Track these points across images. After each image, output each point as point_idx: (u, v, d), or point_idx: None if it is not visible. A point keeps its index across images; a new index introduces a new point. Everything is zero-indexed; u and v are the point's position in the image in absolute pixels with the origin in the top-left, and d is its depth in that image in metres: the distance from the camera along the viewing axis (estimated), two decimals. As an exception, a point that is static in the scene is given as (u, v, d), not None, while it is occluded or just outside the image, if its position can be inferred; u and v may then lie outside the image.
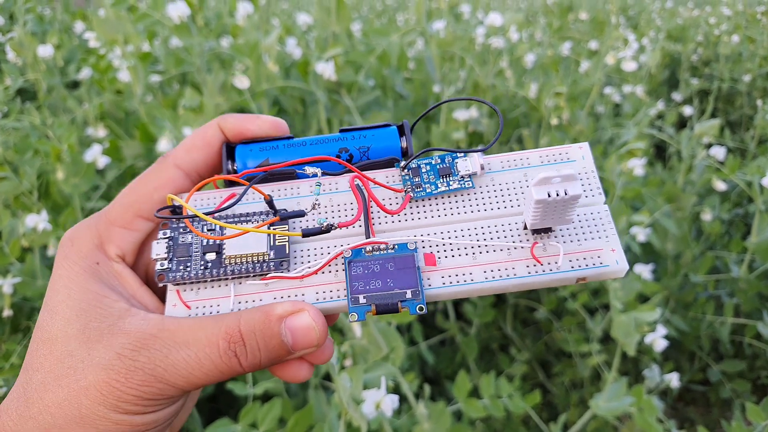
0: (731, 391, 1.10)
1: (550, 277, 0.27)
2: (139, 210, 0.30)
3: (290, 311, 0.26)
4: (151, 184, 0.30)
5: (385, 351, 0.64)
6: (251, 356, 0.26)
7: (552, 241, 0.28)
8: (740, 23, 2.09)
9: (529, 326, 1.20)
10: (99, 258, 0.28)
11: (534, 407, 0.83)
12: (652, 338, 0.76)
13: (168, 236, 0.29)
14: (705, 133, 1.02)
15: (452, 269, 0.28)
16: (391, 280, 0.27)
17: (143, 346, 0.25)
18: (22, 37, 1.20)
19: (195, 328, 0.26)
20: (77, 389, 0.25)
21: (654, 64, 1.37)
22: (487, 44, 1.08)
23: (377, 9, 3.05)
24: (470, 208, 0.29)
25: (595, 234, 0.28)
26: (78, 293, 0.27)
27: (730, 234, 1.28)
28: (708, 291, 1.14)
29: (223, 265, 0.28)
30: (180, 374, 0.25)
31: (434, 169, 0.30)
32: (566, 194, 0.25)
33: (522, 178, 0.30)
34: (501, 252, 0.28)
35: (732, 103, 1.90)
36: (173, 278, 0.28)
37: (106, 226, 0.29)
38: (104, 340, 0.25)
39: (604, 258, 0.28)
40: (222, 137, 0.31)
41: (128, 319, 0.26)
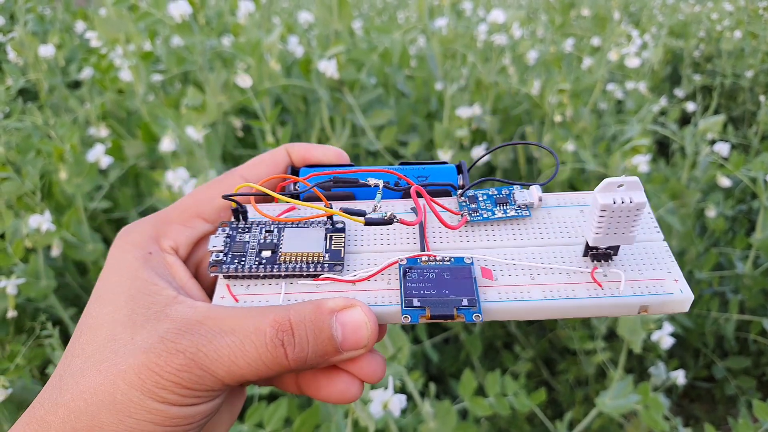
0: (736, 387, 1.10)
1: (611, 302, 0.26)
2: (199, 211, 0.31)
3: (342, 306, 0.26)
4: (216, 191, 0.31)
5: (391, 350, 0.64)
6: (298, 348, 0.25)
7: (612, 268, 0.28)
8: (742, 19, 2.08)
9: (533, 324, 1.20)
10: (152, 249, 0.28)
11: (539, 405, 0.83)
12: (658, 336, 0.76)
13: (227, 233, 0.29)
14: (709, 129, 1.02)
15: (509, 286, 0.27)
16: (446, 289, 0.27)
17: (187, 330, 0.24)
18: (23, 37, 1.20)
19: (242, 316, 0.25)
20: (115, 373, 0.24)
21: (656, 60, 1.36)
22: (489, 41, 1.08)
23: (378, 7, 3.04)
24: (527, 235, 0.29)
25: (656, 265, 0.28)
26: (128, 281, 0.27)
27: (734, 230, 1.27)
28: (712, 288, 1.14)
29: (278, 262, 0.28)
30: (222, 362, 0.24)
31: (491, 199, 0.31)
32: (631, 202, 0.25)
33: (579, 215, 0.30)
34: (560, 275, 0.27)
35: (734, 99, 1.90)
36: (226, 270, 0.28)
37: (164, 223, 0.30)
38: (149, 325, 0.25)
39: (666, 287, 0.27)
40: (288, 160, 0.32)
41: (175, 306, 0.26)
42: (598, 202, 0.25)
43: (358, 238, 0.30)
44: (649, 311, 0.27)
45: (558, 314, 0.27)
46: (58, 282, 0.84)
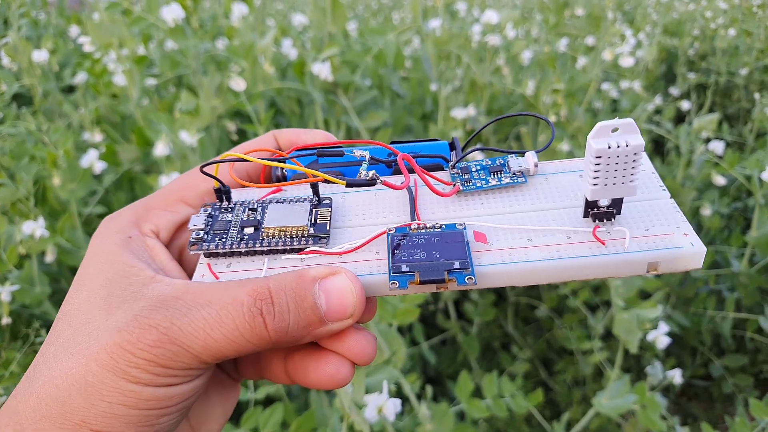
0: (733, 386, 1.10)
1: (616, 259, 0.24)
2: (182, 196, 0.30)
3: (325, 273, 0.24)
4: (198, 176, 0.30)
5: (387, 353, 0.64)
6: (278, 317, 0.23)
7: (616, 226, 0.25)
8: (736, 16, 2.09)
9: (530, 324, 1.20)
10: (132, 233, 0.28)
11: (537, 406, 0.83)
12: (654, 335, 0.76)
13: (208, 213, 0.28)
14: (703, 127, 1.02)
15: (505, 250, 0.25)
16: (437, 252, 0.25)
17: (162, 305, 0.23)
18: (16, 42, 1.20)
19: (220, 289, 0.24)
20: (87, 355, 0.23)
21: (651, 59, 1.36)
22: (483, 42, 1.08)
23: (373, 8, 3.04)
24: (524, 201, 0.28)
25: (663, 222, 0.26)
26: (105, 265, 0.26)
27: (729, 228, 1.28)
28: (708, 286, 1.14)
29: (260, 238, 0.27)
30: (197, 335, 0.23)
31: (485, 169, 0.29)
32: (627, 145, 0.23)
33: (577, 179, 0.28)
34: (559, 236, 0.26)
35: (729, 97, 1.90)
36: (206, 247, 0.27)
37: (145, 209, 0.29)
38: (125, 306, 0.24)
39: (676, 241, 0.25)
40: (276, 146, 0.32)
41: (152, 285, 0.25)
42: (593, 147, 0.23)
43: (346, 213, 0.29)
44: (659, 269, 0.25)
45: (559, 276, 0.25)
46: (53, 288, 0.84)
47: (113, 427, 0.22)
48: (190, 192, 0.30)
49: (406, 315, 0.70)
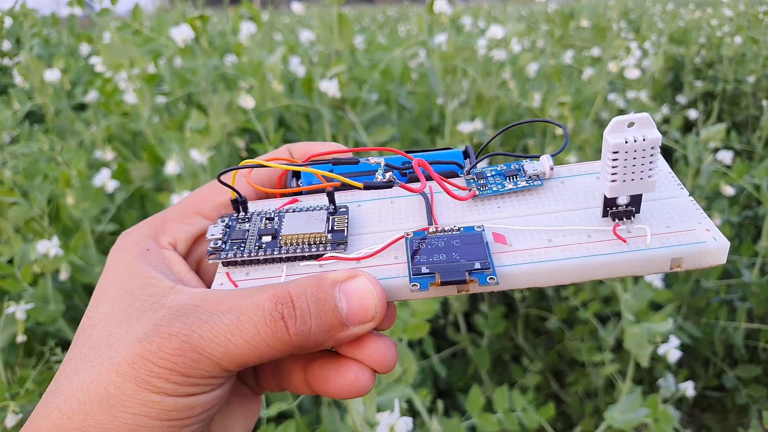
0: (747, 396, 1.09)
1: (639, 256, 0.24)
2: (199, 209, 0.30)
3: (345, 276, 0.24)
4: (215, 188, 0.30)
5: (398, 370, 0.64)
6: (300, 321, 0.23)
7: (636, 224, 0.25)
8: (742, 24, 2.09)
9: (540, 336, 1.20)
10: (149, 245, 0.28)
11: (548, 419, 0.83)
12: (665, 349, 0.76)
13: (226, 223, 0.29)
14: (711, 137, 1.02)
15: (525, 250, 0.25)
16: (456, 254, 0.25)
17: (182, 314, 0.23)
18: (28, 62, 1.22)
19: (240, 295, 0.24)
20: (108, 367, 0.22)
21: (657, 69, 1.37)
22: (489, 56, 1.09)
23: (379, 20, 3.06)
24: (541, 203, 0.28)
25: (684, 218, 0.26)
26: (124, 278, 0.26)
27: (740, 237, 1.27)
28: (720, 296, 1.13)
29: (278, 246, 0.27)
30: (218, 342, 0.22)
31: (500, 174, 0.29)
32: (644, 139, 0.23)
33: (594, 181, 0.28)
34: (579, 235, 0.25)
35: (737, 105, 1.90)
36: (224, 256, 0.27)
37: (162, 222, 0.29)
38: (145, 317, 0.24)
39: (698, 236, 0.25)
40: (290, 158, 0.32)
41: (172, 295, 0.25)
42: (609, 143, 0.23)
43: (362, 220, 0.29)
44: (682, 265, 0.25)
45: (581, 275, 0.25)
46: (67, 305, 0.85)
47: None
48: (206, 204, 0.30)
49: (417, 330, 0.70)
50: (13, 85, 1.36)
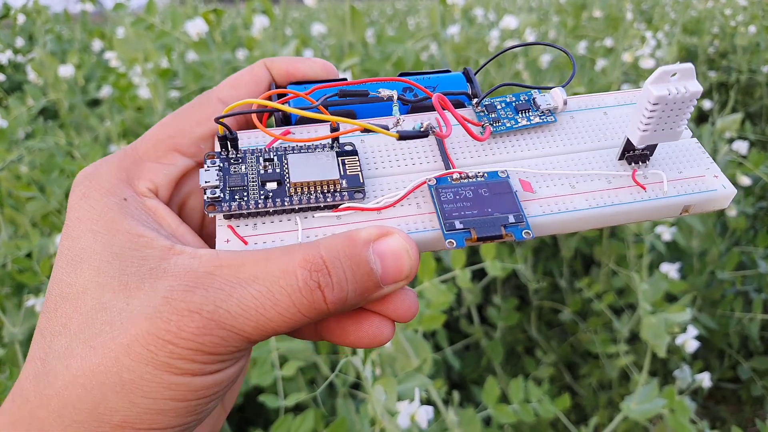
0: (763, 388, 1.08)
1: (655, 204, 0.25)
2: (176, 144, 0.25)
3: (378, 234, 0.22)
4: (191, 118, 0.26)
5: (414, 359, 0.64)
6: (337, 288, 0.21)
7: (651, 169, 0.26)
8: (756, 13, 2.06)
9: (554, 328, 1.20)
10: (126, 194, 0.23)
11: (563, 411, 0.83)
12: (683, 339, 0.76)
13: (217, 165, 0.24)
14: (726, 128, 1.01)
15: (551, 198, 0.25)
16: (488, 207, 0.24)
17: (197, 285, 0.20)
18: (42, 58, 1.23)
19: (262, 259, 0.21)
20: (115, 348, 0.20)
21: (671, 59, 1.35)
22: (501, 47, 1.08)
23: (388, 13, 3.05)
24: (556, 142, 0.27)
25: (693, 163, 0.27)
26: (106, 235, 0.22)
27: (755, 228, 1.26)
28: (735, 287, 1.12)
29: (288, 194, 0.24)
30: (249, 316, 0.20)
31: (510, 106, 0.28)
32: (686, 91, 0.23)
33: (602, 116, 0.28)
34: (600, 181, 0.26)
35: (751, 95, 1.88)
36: (227, 208, 0.23)
37: (134, 162, 0.25)
38: (146, 286, 0.21)
39: (708, 183, 0.26)
40: (269, 78, 0.28)
41: (173, 258, 0.21)
42: (653, 94, 0.23)
43: (368, 159, 0.26)
44: (690, 210, 0.26)
45: (604, 222, 0.26)
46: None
47: (159, 423, 0.20)
48: (184, 138, 0.26)
49: (432, 321, 0.70)
50: (27, 81, 1.38)
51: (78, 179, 0.24)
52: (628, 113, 0.29)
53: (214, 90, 0.27)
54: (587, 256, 1.20)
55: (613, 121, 0.28)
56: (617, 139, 0.28)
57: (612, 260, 1.05)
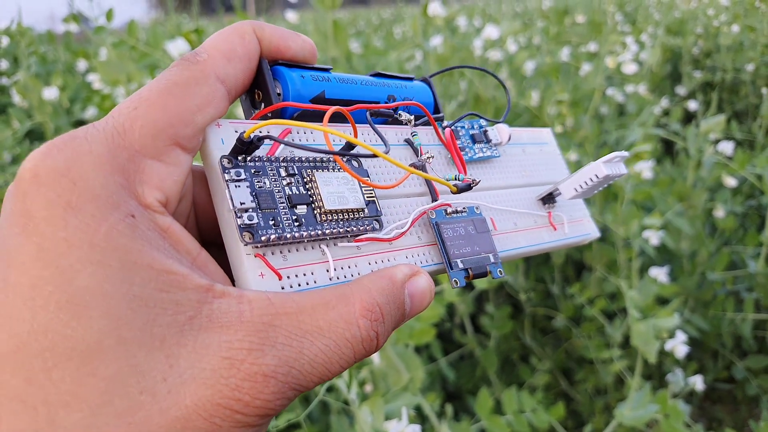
0: (758, 387, 1.08)
1: (562, 243, 0.32)
2: (177, 136, 0.20)
3: (410, 275, 0.23)
4: (190, 101, 0.20)
5: (405, 374, 0.64)
6: (387, 333, 0.21)
7: (557, 210, 0.32)
8: (739, 13, 2.08)
9: (548, 334, 1.20)
10: (131, 207, 0.18)
11: (558, 419, 0.82)
12: (672, 345, 0.76)
13: (242, 177, 0.21)
14: (711, 129, 1.01)
15: (504, 234, 0.29)
16: (476, 245, 0.27)
17: (264, 341, 0.17)
18: (26, 80, 1.22)
19: (321, 306, 0.19)
20: (167, 425, 0.16)
21: (654, 61, 1.36)
22: (485, 57, 1.09)
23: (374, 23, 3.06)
24: (499, 176, 0.31)
25: (575, 209, 0.34)
26: (120, 271, 0.16)
27: (745, 227, 1.27)
28: (726, 288, 1.13)
29: (319, 222, 0.22)
30: (316, 373, 0.19)
31: (468, 134, 0.31)
32: (620, 173, 0.30)
33: (521, 153, 0.33)
34: (529, 219, 0.31)
35: (737, 93, 1.89)
36: (265, 237, 0.20)
37: (131, 158, 0.18)
38: (190, 341, 0.17)
39: (587, 227, 0.34)
40: (259, 49, 0.23)
41: (216, 303, 0.18)
42: (603, 172, 0.29)
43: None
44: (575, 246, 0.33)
45: (533, 254, 0.31)
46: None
47: None
48: (186, 129, 0.20)
49: (423, 335, 0.70)
50: (11, 104, 1.37)
51: (43, 173, 0.17)
52: (536, 152, 0.35)
53: (208, 63, 0.21)
54: (578, 262, 1.20)
55: (529, 159, 0.34)
56: (533, 178, 0.33)
57: (603, 265, 1.05)
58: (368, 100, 0.27)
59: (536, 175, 0.33)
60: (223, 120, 0.22)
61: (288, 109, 0.24)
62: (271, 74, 0.24)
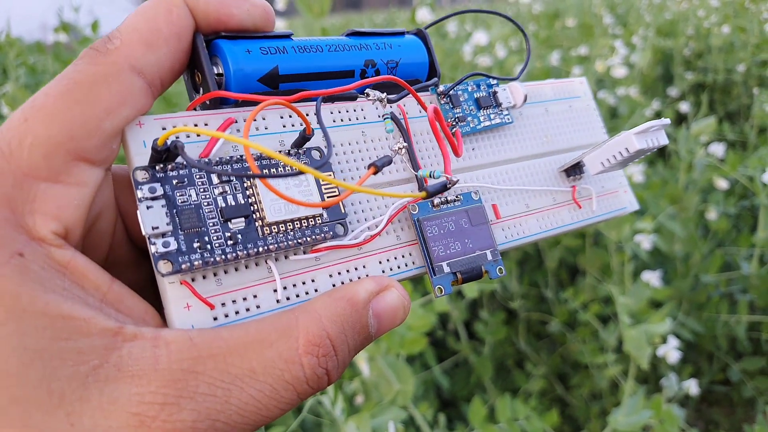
0: (753, 389, 1.08)
1: (587, 223, 0.28)
2: (79, 150, 0.17)
3: (375, 290, 0.19)
4: (97, 105, 0.17)
5: (396, 385, 0.63)
6: (342, 365, 0.18)
7: (584, 183, 0.29)
8: (729, 13, 2.08)
9: (542, 339, 1.19)
10: (19, 244, 0.15)
11: (553, 425, 0.82)
12: (664, 350, 0.75)
13: (158, 194, 0.17)
14: (702, 131, 1.01)
15: (510, 220, 0.26)
16: (469, 241, 0.23)
17: (180, 393, 0.15)
18: (15, 92, 1.22)
19: (254, 343, 0.16)
20: None
21: (645, 64, 1.36)
22: (474, 63, 1.08)
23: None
24: (509, 148, 0.27)
25: (611, 178, 0.30)
26: (11, 323, 0.14)
27: (738, 228, 1.26)
28: (720, 290, 1.12)
29: (261, 235, 0.18)
30: (249, 421, 0.16)
31: (471, 98, 0.27)
32: (658, 143, 0.25)
33: (543, 114, 0.29)
34: (546, 197, 0.27)
35: (729, 94, 1.89)
36: (186, 265, 0.17)
37: (16, 182, 0.16)
38: (95, 395, 0.14)
39: (621, 200, 0.30)
40: (192, 24, 0.19)
41: (125, 348, 0.15)
42: (635, 146, 0.25)
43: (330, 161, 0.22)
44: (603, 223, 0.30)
45: (548, 237, 0.28)
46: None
47: None
48: (91, 139, 0.17)
49: (414, 344, 0.70)
50: (1, 116, 1.36)
51: None
52: (564, 109, 0.30)
53: (121, 51, 0.18)
54: (572, 266, 1.19)
55: (554, 120, 0.29)
56: (558, 143, 0.29)
57: (596, 269, 1.05)
58: (338, 69, 0.23)
59: (561, 140, 0.29)
60: (146, 117, 0.19)
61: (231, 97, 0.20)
62: (206, 52, 0.20)
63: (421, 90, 0.25)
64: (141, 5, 0.19)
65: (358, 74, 0.23)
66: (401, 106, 0.24)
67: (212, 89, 0.20)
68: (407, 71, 0.25)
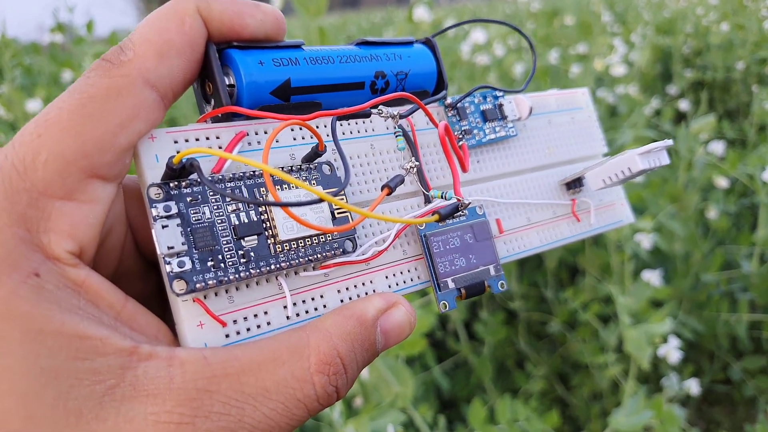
0: (755, 388, 1.07)
1: (585, 236, 0.29)
2: (93, 167, 0.16)
3: (383, 308, 0.20)
4: (111, 120, 0.17)
5: (395, 387, 0.62)
6: (350, 381, 0.18)
7: (583, 197, 0.29)
8: (728, 11, 2.08)
9: (543, 339, 1.18)
10: (35, 263, 0.15)
11: (553, 426, 0.81)
12: (665, 350, 0.75)
13: (172, 212, 0.17)
14: (701, 129, 1.01)
15: (512, 234, 0.26)
16: (473, 256, 0.24)
17: (196, 412, 0.15)
18: (10, 94, 1.21)
19: (267, 362, 0.17)
20: None
21: (644, 62, 1.36)
22: (472, 61, 1.08)
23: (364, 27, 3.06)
24: (510, 160, 0.28)
25: (609, 190, 0.30)
26: (24, 343, 0.15)
27: (738, 227, 1.26)
28: (721, 288, 1.12)
29: (273, 254, 0.19)
30: None
31: (478, 110, 0.27)
32: (660, 163, 0.26)
33: (546, 125, 0.29)
34: (547, 211, 0.28)
35: (728, 92, 1.89)
36: (203, 285, 0.17)
37: (33, 200, 0.16)
38: (111, 415, 0.15)
39: (619, 214, 0.30)
40: (205, 33, 0.19)
41: (141, 367, 0.15)
42: (638, 166, 0.25)
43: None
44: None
45: (545, 251, 0.28)
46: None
47: None
48: (104, 155, 0.17)
49: (413, 346, 0.69)
50: (-4, 117, 1.35)
51: None
52: (566, 121, 0.30)
53: (134, 64, 0.17)
54: (572, 265, 1.19)
55: (556, 132, 0.29)
56: (560, 156, 0.29)
57: (596, 268, 1.04)
58: (349, 81, 0.22)
59: (564, 152, 0.29)
60: (157, 130, 0.18)
61: (243, 101, 0.20)
62: (219, 64, 0.19)
63: (430, 102, 0.25)
64: (152, 13, 0.18)
65: (368, 85, 0.23)
66: (409, 119, 0.24)
67: (224, 101, 0.20)
68: (416, 82, 0.25)
